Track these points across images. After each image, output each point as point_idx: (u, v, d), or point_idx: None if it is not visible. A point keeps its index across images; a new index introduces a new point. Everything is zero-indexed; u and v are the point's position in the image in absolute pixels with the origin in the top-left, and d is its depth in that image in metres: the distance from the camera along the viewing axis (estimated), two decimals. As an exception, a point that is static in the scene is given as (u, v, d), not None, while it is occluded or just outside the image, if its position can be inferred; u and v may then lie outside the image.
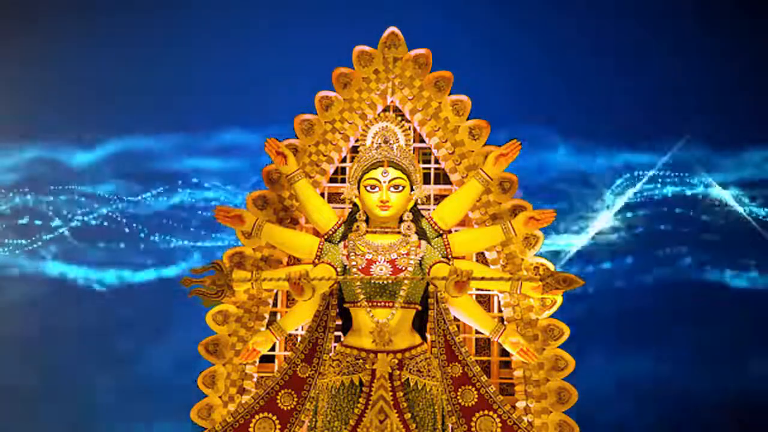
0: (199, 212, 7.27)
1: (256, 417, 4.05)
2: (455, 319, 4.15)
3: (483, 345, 4.47)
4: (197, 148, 7.18)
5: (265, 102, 6.80)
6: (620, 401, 6.49)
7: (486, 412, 4.01)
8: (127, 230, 7.19)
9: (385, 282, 3.87)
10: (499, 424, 4.00)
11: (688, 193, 7.16)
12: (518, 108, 6.67)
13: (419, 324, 4.04)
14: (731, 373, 6.67)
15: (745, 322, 6.72)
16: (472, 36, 6.95)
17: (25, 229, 7.08)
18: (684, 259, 7.08)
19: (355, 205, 4.14)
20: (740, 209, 7.05)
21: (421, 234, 4.09)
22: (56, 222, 7.12)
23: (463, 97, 4.48)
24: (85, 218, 7.19)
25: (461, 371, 4.03)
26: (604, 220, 7.16)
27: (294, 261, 4.41)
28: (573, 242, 7.11)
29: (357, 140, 4.43)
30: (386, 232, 4.01)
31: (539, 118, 6.81)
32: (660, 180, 7.17)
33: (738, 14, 6.90)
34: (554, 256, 6.93)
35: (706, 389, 6.58)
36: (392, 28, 4.54)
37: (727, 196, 7.09)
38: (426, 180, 4.56)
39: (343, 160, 4.58)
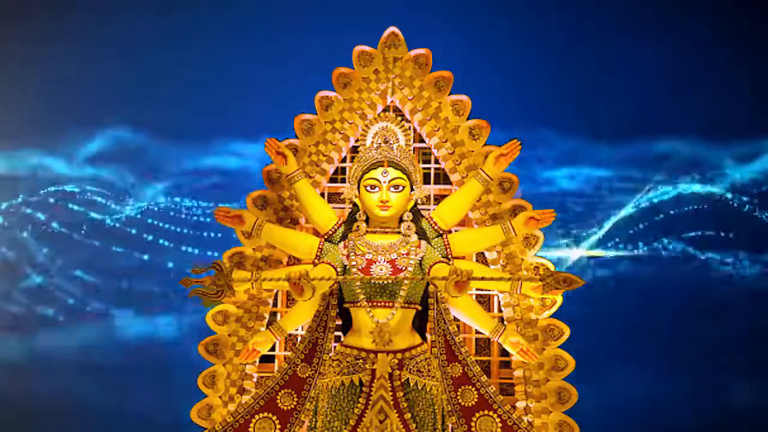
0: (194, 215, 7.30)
1: (256, 417, 4.05)
2: (455, 319, 4.14)
3: (483, 345, 4.47)
4: (196, 150, 7.18)
5: (264, 102, 6.80)
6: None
7: (486, 412, 4.01)
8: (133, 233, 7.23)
9: (385, 282, 3.87)
10: (499, 424, 4.00)
11: (692, 192, 7.16)
12: (518, 108, 6.68)
13: (419, 324, 4.04)
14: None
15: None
16: (472, 36, 6.95)
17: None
18: (693, 257, 7.09)
19: (355, 205, 4.14)
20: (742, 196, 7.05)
21: (421, 234, 4.09)
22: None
23: (463, 97, 4.48)
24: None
25: (461, 371, 4.02)
26: (611, 221, 7.16)
27: (294, 261, 4.41)
28: (577, 246, 7.11)
29: (357, 140, 4.43)
30: (386, 232, 4.01)
31: (540, 118, 6.81)
32: (663, 178, 7.17)
33: (738, 14, 6.89)
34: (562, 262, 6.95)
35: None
36: (392, 28, 4.53)
37: (733, 192, 7.09)
38: (426, 180, 4.56)
39: (343, 160, 4.58)
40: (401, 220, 4.03)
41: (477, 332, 4.40)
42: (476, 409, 4.01)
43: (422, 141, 4.55)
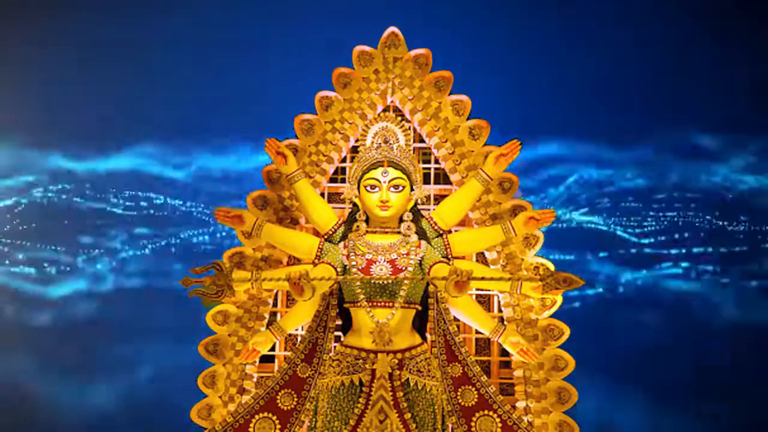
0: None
1: (256, 417, 4.05)
2: (455, 319, 4.14)
3: (483, 345, 4.47)
4: (196, 149, 7.18)
5: (264, 102, 6.80)
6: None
7: (486, 412, 4.01)
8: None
9: (385, 282, 3.87)
10: (499, 424, 3.99)
11: (692, 192, 7.17)
12: (518, 107, 6.68)
13: (419, 324, 4.04)
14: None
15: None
16: (473, 36, 6.96)
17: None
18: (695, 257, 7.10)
19: (355, 205, 4.14)
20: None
21: (421, 234, 4.09)
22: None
23: (463, 97, 4.47)
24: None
25: (461, 371, 4.02)
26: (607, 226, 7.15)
27: (294, 261, 4.41)
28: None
29: (357, 140, 4.43)
30: (386, 232, 4.01)
31: (540, 118, 6.81)
32: (664, 179, 7.18)
33: (738, 14, 6.90)
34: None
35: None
36: (392, 28, 4.53)
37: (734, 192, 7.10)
38: (426, 180, 4.55)
39: (343, 160, 4.58)
40: (401, 220, 4.02)
41: (477, 332, 4.40)
42: (476, 409, 4.01)
43: (422, 141, 4.55)
